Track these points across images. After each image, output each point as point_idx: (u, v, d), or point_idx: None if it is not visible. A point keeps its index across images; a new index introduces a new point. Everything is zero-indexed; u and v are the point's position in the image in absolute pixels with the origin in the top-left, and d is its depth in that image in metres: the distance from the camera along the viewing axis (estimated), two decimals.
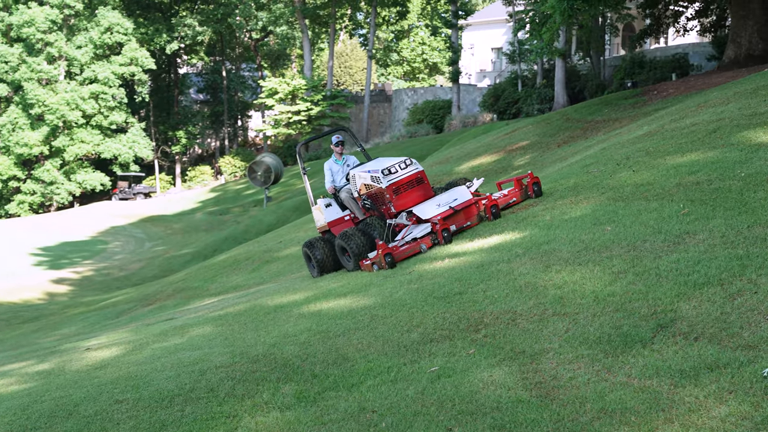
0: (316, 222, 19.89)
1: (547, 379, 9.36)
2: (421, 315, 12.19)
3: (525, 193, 17.79)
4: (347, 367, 10.79)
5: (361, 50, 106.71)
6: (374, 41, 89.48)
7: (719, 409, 8.07)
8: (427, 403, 9.39)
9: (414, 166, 17.56)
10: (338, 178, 19.55)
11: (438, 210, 16.75)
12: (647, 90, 41.63)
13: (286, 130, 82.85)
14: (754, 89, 21.56)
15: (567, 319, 10.62)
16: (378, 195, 17.77)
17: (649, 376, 8.90)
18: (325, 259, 18.84)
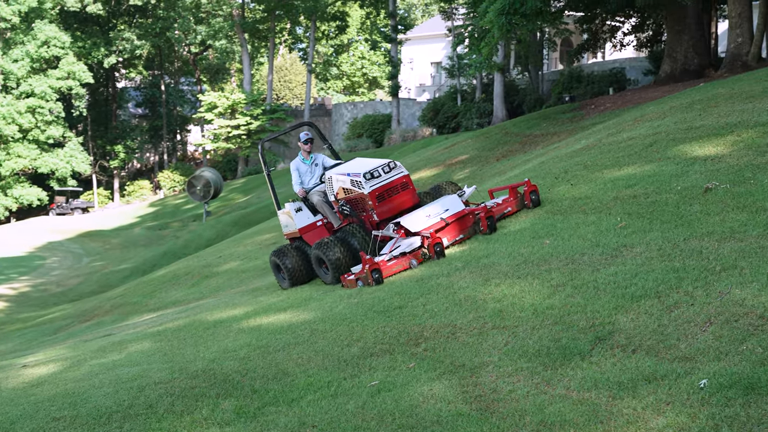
0: (283, 228, 18.36)
1: (487, 392, 9.39)
2: (361, 329, 12.18)
3: (521, 203, 16.14)
4: (287, 382, 10.75)
5: (301, 64, 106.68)
6: (314, 55, 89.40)
7: (657, 421, 8.13)
8: (367, 417, 9.38)
9: (398, 169, 16.05)
10: (307, 179, 17.95)
11: (428, 222, 15.28)
12: (585, 104, 42.00)
13: (226, 145, 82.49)
14: (690, 103, 21.82)
15: (506, 332, 10.67)
16: (358, 201, 16.18)
17: (588, 389, 8.96)
18: (296, 268, 17.27)
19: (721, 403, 8.04)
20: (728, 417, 7.81)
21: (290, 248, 17.53)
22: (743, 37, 36.28)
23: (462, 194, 16.26)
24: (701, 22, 41.67)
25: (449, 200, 15.79)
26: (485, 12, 34.04)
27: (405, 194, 16.03)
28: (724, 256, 10.89)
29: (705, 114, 19.28)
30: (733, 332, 9.11)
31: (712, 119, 18.32)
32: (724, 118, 17.94)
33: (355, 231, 16.14)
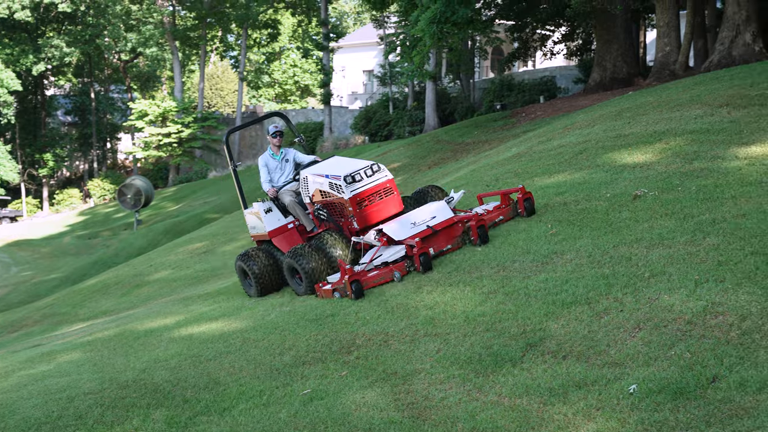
0: (250, 229, 16.76)
1: (419, 399, 9.41)
2: (293, 338, 12.15)
3: (514, 210, 14.70)
4: (219, 392, 10.69)
5: (233, 72, 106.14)
6: (245, 63, 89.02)
7: (587, 426, 8.20)
8: (299, 426, 9.36)
9: (382, 173, 14.69)
10: (277, 176, 16.38)
11: (413, 230, 13.86)
12: (516, 112, 42.31)
13: (157, 153, 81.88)
14: (619, 111, 22.05)
15: (438, 340, 10.70)
16: (337, 206, 14.81)
17: (519, 395, 9.01)
18: (264, 274, 15.62)
19: (651, 408, 8.13)
20: (657, 422, 7.89)
21: (258, 252, 15.94)
22: (671, 46, 36.76)
23: (450, 200, 14.93)
24: (630, 31, 42.17)
25: (436, 206, 14.43)
26: (416, 20, 34.16)
27: (388, 201, 14.70)
28: (653, 263, 11.00)
29: (634, 122, 19.49)
30: (661, 338, 9.21)
31: (641, 127, 18.52)
32: (653, 126, 18.14)
33: (332, 239, 14.64)
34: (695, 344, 8.91)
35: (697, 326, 9.24)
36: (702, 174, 13.96)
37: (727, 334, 8.96)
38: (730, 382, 8.21)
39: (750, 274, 10.03)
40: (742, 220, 11.64)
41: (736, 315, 9.25)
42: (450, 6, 32.32)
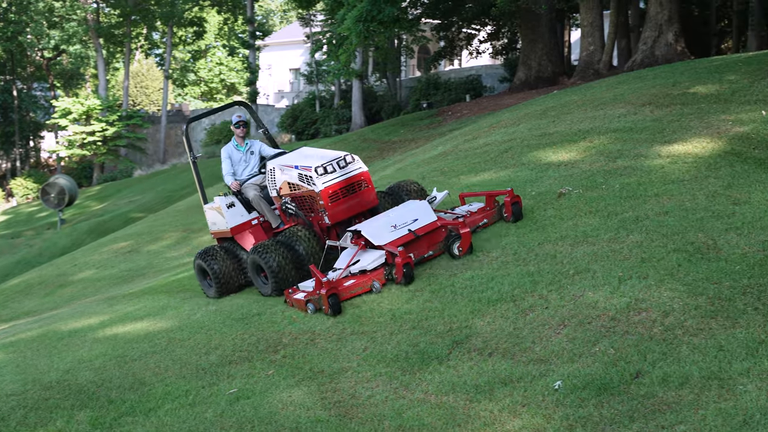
0: (211, 225, 15.41)
1: (346, 397, 9.41)
2: (219, 337, 12.08)
3: (499, 214, 13.50)
4: (144, 392, 10.60)
5: (158, 70, 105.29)
6: (171, 61, 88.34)
7: (513, 423, 8.26)
8: (226, 425, 9.31)
9: (356, 164, 13.46)
10: (240, 169, 15.11)
11: (394, 233, 12.55)
12: (442, 111, 42.48)
13: (81, 151, 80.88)
14: (544, 110, 22.22)
15: (365, 338, 10.70)
16: (307, 199, 13.56)
17: (446, 392, 9.04)
18: (225, 273, 14.36)
19: (575, 404, 8.20)
20: (582, 417, 7.97)
21: (218, 250, 14.70)
22: (595, 46, 37.15)
23: (433, 200, 13.83)
24: (555, 31, 42.57)
25: (418, 207, 13.08)
26: (343, 19, 34.17)
27: (363, 194, 13.51)
28: (578, 260, 11.10)
29: (558, 121, 19.66)
30: (586, 334, 9.30)
31: (565, 126, 18.68)
32: (577, 125, 18.30)
33: (301, 235, 13.42)
34: (619, 340, 9.00)
35: (621, 322, 9.34)
36: (625, 172, 14.11)
37: (650, 330, 9.07)
38: (653, 378, 8.32)
39: (672, 271, 10.16)
40: (665, 218, 11.79)
41: (658, 311, 9.37)
42: (376, 5, 32.38)
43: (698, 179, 13.12)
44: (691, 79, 20.34)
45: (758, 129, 14.83)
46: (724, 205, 12.00)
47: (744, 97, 17.21)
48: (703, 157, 14.02)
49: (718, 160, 13.80)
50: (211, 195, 16.61)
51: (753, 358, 8.35)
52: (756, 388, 7.92)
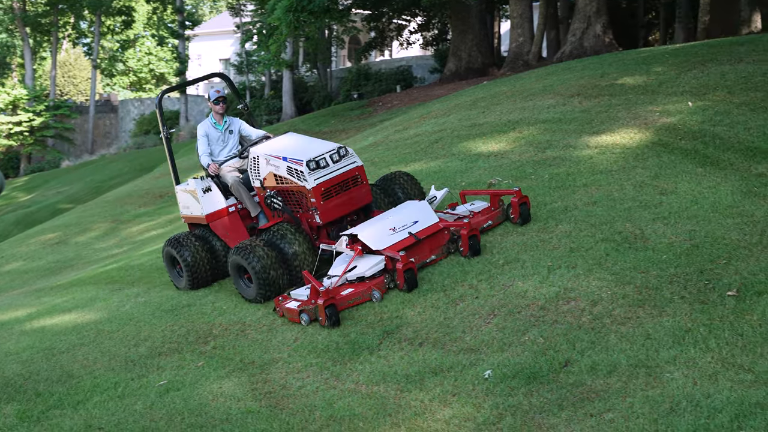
0: (182, 209, 14.06)
1: (277, 388, 9.39)
2: (149, 328, 11.99)
3: (505, 215, 12.34)
4: (72, 384, 10.49)
5: (86, 60, 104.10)
6: (99, 51, 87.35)
7: (444, 412, 8.29)
8: (155, 417, 9.25)
9: (350, 159, 12.26)
10: (218, 149, 13.80)
11: (394, 237, 11.46)
12: (373, 101, 42.50)
13: (7, 142, 79.75)
14: (474, 101, 22.31)
15: (296, 329, 10.68)
16: (295, 195, 12.30)
17: (377, 382, 9.06)
18: (198, 264, 13.21)
19: (505, 392, 8.25)
20: (511, 406, 8.02)
21: (191, 238, 13.44)
22: (524, 37, 37.35)
23: (432, 200, 12.72)
24: (485, 22, 42.75)
25: (417, 208, 11.98)
26: (273, 9, 34.04)
27: (357, 191, 12.32)
28: (507, 250, 11.17)
29: (488, 111, 19.75)
30: (515, 323, 9.36)
31: (495, 116, 18.77)
32: (506, 116, 18.41)
33: (289, 234, 12.17)
34: (548, 329, 9.08)
35: (550, 312, 9.42)
36: (554, 162, 14.22)
37: (579, 319, 9.16)
38: (582, 366, 8.40)
39: (600, 260, 10.26)
40: (593, 208, 11.90)
41: (587, 300, 9.46)
42: None
43: (626, 170, 13.25)
44: (619, 71, 20.53)
45: (685, 120, 15.02)
46: (651, 195, 12.14)
47: (671, 88, 17.41)
48: (630, 148, 14.16)
49: (645, 150, 13.95)
50: (136, 188, 16.34)
51: (679, 346, 8.45)
52: (682, 375, 8.03)
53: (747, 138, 13.75)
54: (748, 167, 12.71)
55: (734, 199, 11.59)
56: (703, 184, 12.26)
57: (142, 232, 25.61)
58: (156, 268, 15.46)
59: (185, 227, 17.06)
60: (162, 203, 30.26)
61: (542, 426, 7.81)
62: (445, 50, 48.61)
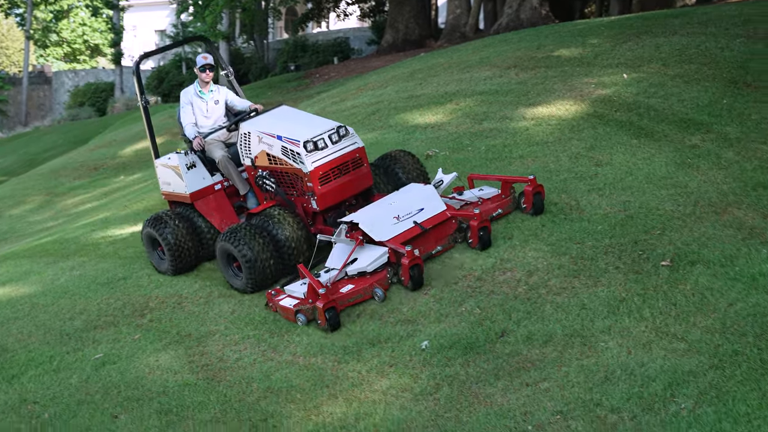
0: (163, 185, 12.87)
1: (214, 361, 9.37)
2: (84, 302, 11.88)
3: (516, 203, 11.32)
4: (6, 358, 10.38)
5: (19, 30, 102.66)
6: (32, 21, 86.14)
7: (381, 383, 8.33)
8: (91, 391, 9.20)
9: (351, 139, 11.24)
10: (202, 120, 12.62)
11: (398, 226, 10.43)
12: (310, 73, 42.31)
13: None
14: (411, 73, 22.30)
15: (233, 301, 10.65)
16: (290, 177, 11.27)
17: (314, 354, 9.08)
18: (182, 246, 11.99)
19: (442, 363, 8.31)
20: (448, 376, 8.08)
21: (174, 217, 12.24)
22: (461, 9, 37.36)
23: (439, 184, 11.50)
24: None
25: (423, 193, 11.00)
26: None
27: (357, 174, 11.26)
28: None
29: (425, 83, 19.75)
30: (452, 294, 9.42)
31: (432, 88, 18.78)
32: (444, 87, 18.42)
33: (282, 218, 11.09)
34: (485, 300, 9.14)
35: (487, 282, 9.48)
36: (491, 134, 14.27)
37: (515, 290, 9.23)
38: (518, 336, 8.48)
39: (536, 231, 10.35)
40: None
41: (523, 271, 9.54)
42: None
43: (562, 141, 13.34)
44: (555, 43, 20.61)
45: (620, 92, 15.12)
46: (586, 166, 12.24)
47: (606, 60, 17.51)
48: (566, 120, 14.24)
49: (581, 122, 14.04)
50: (71, 160, 16.01)
51: (614, 316, 8.55)
52: (617, 344, 8.12)
53: (681, 110, 13.89)
54: (681, 139, 12.84)
55: (668, 171, 11.71)
56: (637, 156, 12.37)
57: (77, 205, 25.30)
58: (91, 241, 15.29)
59: (121, 201, 16.86)
60: (97, 176, 29.92)
61: (479, 396, 7.88)
62: (383, 22, 48.46)
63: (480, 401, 7.85)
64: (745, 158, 11.93)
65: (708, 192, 10.95)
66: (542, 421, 7.46)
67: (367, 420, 7.99)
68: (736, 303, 8.56)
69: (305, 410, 8.27)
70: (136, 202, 16.96)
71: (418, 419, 7.90)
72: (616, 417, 7.32)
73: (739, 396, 7.22)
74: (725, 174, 11.46)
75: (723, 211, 10.41)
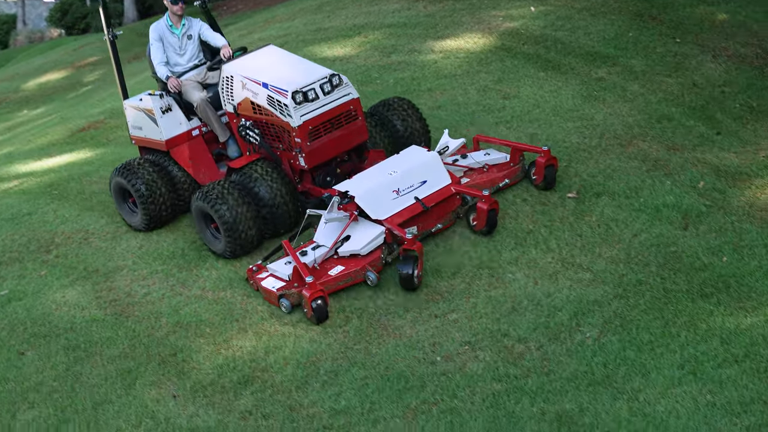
0: (133, 129, 11.37)
1: (122, 296, 9.30)
2: None
3: (524, 173, 10.16)
4: None
5: None
6: None
7: (291, 316, 8.42)
8: None
9: (345, 89, 9.96)
10: (175, 58, 11.15)
11: (397, 202, 9.29)
12: (217, 6, 41.80)
13: None
14: (319, 5, 22.12)
15: (140, 236, 10.54)
16: (275, 129, 10.03)
17: (223, 288, 9.08)
18: (156, 196, 10.58)
19: (351, 296, 8.42)
20: (358, 309, 8.14)
21: (145, 165, 10.88)
22: None
23: (444, 150, 10.35)
24: None
25: (425, 161, 9.72)
26: None
27: (350, 128, 10.06)
28: None
29: (333, 16, 19.60)
30: None
31: (340, 21, 18.65)
32: (352, 20, 18.30)
33: (265, 174, 9.96)
34: None
35: None
36: (399, 67, 14.25)
37: None
38: (427, 268, 8.57)
39: None
40: (438, 112, 12.02)
41: None
42: None
43: (470, 74, 13.37)
44: None
45: (527, 25, 15.17)
46: (494, 99, 12.30)
47: None
48: (474, 53, 14.27)
49: (489, 55, 14.08)
50: None
51: (521, 248, 8.68)
52: (524, 276, 8.24)
53: (587, 43, 13.99)
54: (588, 72, 12.95)
55: (575, 103, 11.83)
56: (544, 89, 12.47)
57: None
58: None
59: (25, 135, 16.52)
60: None
61: (388, 327, 7.96)
62: None
63: (389, 333, 7.93)
64: (650, 91, 12.09)
65: (614, 124, 11.09)
66: (450, 352, 7.57)
67: (277, 353, 8.04)
68: (640, 234, 8.74)
69: (215, 344, 8.28)
70: (41, 137, 16.63)
71: (328, 351, 7.97)
72: (523, 347, 7.45)
73: (642, 325, 7.40)
74: (630, 107, 11.60)
75: (628, 144, 10.56)
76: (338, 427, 7.25)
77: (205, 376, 7.96)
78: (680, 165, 9.96)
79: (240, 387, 7.80)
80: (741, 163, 9.88)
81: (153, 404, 7.78)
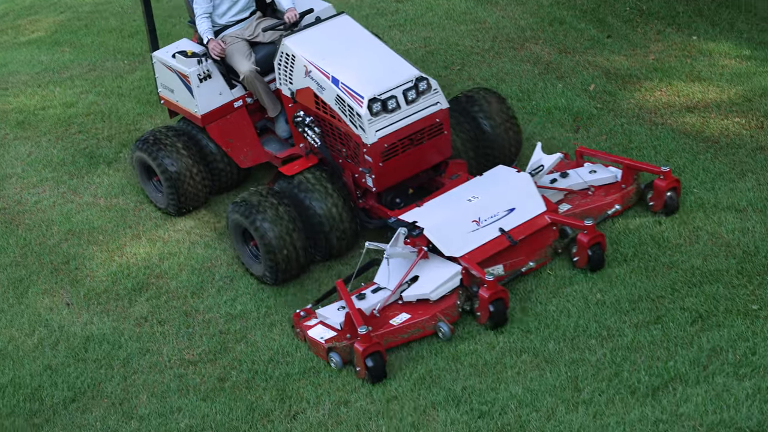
0: (162, 89, 9.18)
1: (12, 204, 9.17)
2: None
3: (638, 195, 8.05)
4: None
5: None
6: None
7: (185, 222, 8.46)
8: None
9: (433, 97, 7.83)
10: (222, 9, 8.78)
11: (477, 235, 7.48)
12: None
13: None
14: None
15: (29, 143, 10.33)
16: (342, 135, 7.95)
17: (116, 195, 9.01)
18: (187, 175, 8.67)
19: None
20: None
21: (173, 136, 8.93)
22: None
23: (539, 170, 8.06)
24: None
25: (515, 184, 7.84)
26: None
27: (433, 144, 8.04)
28: None
29: None
30: None
31: None
32: None
33: (320, 186, 7.99)
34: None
35: None
36: None
37: None
38: None
39: None
40: None
41: None
42: None
43: None
44: None
45: None
46: (387, 2, 12.23)
47: None
48: None
49: None
50: None
51: None
52: None
53: None
54: None
55: (467, 6, 11.80)
56: None
57: None
58: None
59: None
60: None
61: None
62: None
63: None
64: None
65: (506, 27, 11.12)
66: None
67: (171, 259, 8.04)
68: (533, 137, 8.84)
69: (108, 251, 8.25)
70: None
71: (223, 257, 8.01)
72: None
73: None
74: (523, 9, 11.61)
75: (520, 47, 10.62)
76: (234, 332, 7.31)
77: (98, 284, 7.93)
78: (571, 68, 10.05)
79: (135, 294, 7.80)
80: (631, 66, 10.00)
81: (46, 312, 7.74)
